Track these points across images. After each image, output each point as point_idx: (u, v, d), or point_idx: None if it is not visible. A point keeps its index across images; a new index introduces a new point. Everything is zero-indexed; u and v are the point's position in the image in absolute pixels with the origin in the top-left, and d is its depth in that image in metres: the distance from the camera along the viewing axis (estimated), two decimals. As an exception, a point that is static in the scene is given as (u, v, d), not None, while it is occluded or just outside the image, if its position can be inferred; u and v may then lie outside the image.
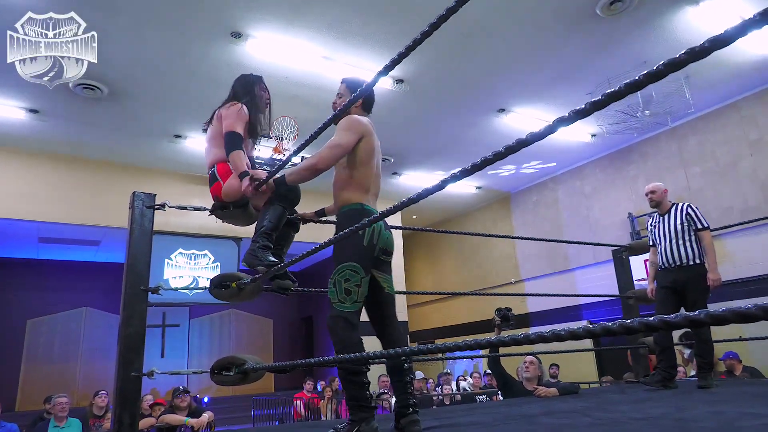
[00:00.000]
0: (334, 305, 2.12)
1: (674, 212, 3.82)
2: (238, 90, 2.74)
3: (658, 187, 3.92)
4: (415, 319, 12.16)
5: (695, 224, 3.72)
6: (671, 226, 3.77)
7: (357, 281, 2.12)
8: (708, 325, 0.68)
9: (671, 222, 3.79)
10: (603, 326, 0.80)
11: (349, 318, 2.10)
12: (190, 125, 6.98)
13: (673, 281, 3.69)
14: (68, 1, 4.55)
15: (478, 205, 11.42)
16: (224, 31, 5.14)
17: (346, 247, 2.15)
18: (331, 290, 2.14)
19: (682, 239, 3.70)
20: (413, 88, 6.34)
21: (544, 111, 7.18)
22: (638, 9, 5.19)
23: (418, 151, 8.38)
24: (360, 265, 2.14)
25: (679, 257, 3.68)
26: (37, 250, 9.91)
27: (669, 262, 3.73)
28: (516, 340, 0.96)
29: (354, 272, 2.12)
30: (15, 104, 6.19)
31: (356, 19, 5.11)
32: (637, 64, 6.10)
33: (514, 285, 10.17)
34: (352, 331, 2.10)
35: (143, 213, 2.36)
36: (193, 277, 8.53)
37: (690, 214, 3.75)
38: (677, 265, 3.69)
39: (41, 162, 7.49)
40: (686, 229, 3.71)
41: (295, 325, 13.89)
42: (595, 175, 9.12)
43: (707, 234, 3.71)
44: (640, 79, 0.83)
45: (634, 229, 8.23)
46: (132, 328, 2.21)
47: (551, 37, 5.60)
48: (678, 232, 3.72)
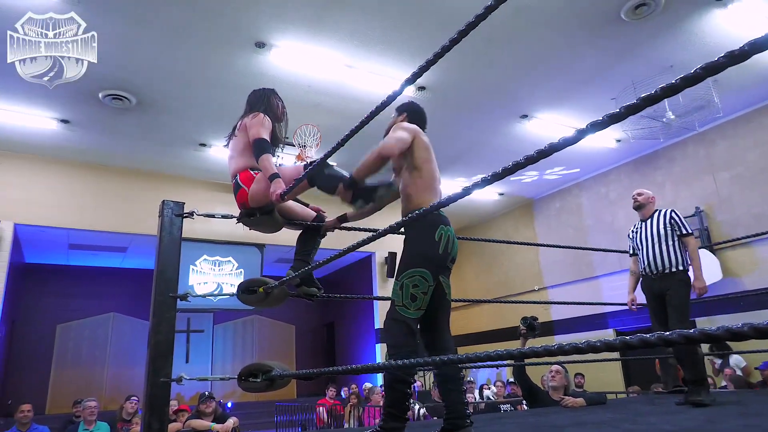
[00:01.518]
0: (397, 308, 2.10)
1: (657, 217, 3.71)
2: (253, 102, 2.78)
3: (646, 192, 3.85)
4: (437, 326, 12.08)
5: (679, 229, 3.61)
6: (653, 231, 3.66)
7: (425, 288, 2.11)
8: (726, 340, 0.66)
9: (653, 227, 3.68)
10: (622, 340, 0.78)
11: (410, 323, 2.08)
12: (215, 134, 7.09)
13: (658, 290, 3.54)
14: (97, 13, 4.68)
15: (500, 212, 11.33)
16: (248, 41, 5.22)
17: (419, 252, 2.15)
18: (396, 292, 2.13)
19: (666, 244, 3.57)
20: (435, 95, 6.34)
21: (567, 116, 7.11)
22: (664, 12, 5.11)
23: (440, 158, 8.21)
24: (431, 273, 2.14)
25: (662, 263, 3.55)
26: (67, 257, 10.14)
27: (651, 268, 3.60)
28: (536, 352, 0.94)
29: (424, 279, 2.12)
30: (47, 115, 6.38)
31: (378, 26, 5.14)
32: (663, 69, 5.99)
33: (538, 292, 10.05)
34: (410, 337, 2.07)
35: (172, 221, 2.40)
36: (218, 283, 8.64)
37: (674, 219, 3.64)
38: (659, 271, 3.55)
39: (71, 171, 7.69)
40: (669, 234, 3.60)
41: (317, 332, 13.93)
42: (620, 181, 8.98)
43: (692, 240, 3.60)
44: (677, 83, 0.81)
45: (661, 236, 8.07)
46: (161, 335, 2.25)
47: (575, 41, 5.54)
48: (660, 237, 3.61)
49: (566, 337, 9.20)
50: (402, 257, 2.20)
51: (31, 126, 6.54)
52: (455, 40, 1.18)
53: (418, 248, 2.14)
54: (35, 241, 8.59)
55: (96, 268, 11.06)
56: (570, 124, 7.25)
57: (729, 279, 7.18)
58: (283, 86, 5.85)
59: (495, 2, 1.06)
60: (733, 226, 7.22)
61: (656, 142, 7.82)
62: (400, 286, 2.12)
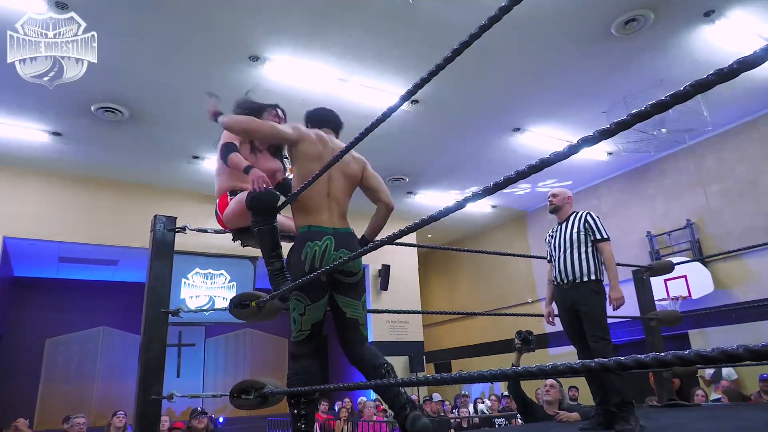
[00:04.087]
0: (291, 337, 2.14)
1: (572, 220, 3.36)
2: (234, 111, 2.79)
3: (562, 192, 3.50)
4: (431, 339, 12.05)
5: (593, 234, 3.27)
6: (567, 236, 3.32)
7: (301, 310, 2.10)
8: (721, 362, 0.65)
9: (568, 231, 3.33)
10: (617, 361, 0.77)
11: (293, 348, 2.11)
12: (207, 146, 7.08)
13: (570, 301, 3.23)
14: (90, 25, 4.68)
15: (493, 224, 11.36)
16: (242, 54, 5.24)
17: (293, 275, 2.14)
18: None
19: (577, 251, 3.24)
20: (428, 108, 6.37)
21: (559, 130, 7.17)
22: (653, 28, 5.18)
23: (433, 171, 8.40)
24: (303, 293, 2.09)
25: (572, 272, 3.22)
26: (57, 270, 10.04)
27: (562, 277, 3.28)
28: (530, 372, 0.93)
29: (298, 301, 2.10)
30: (39, 127, 6.34)
31: (371, 40, 5.18)
32: (653, 83, 6.07)
33: (531, 304, 10.05)
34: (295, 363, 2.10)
35: (164, 235, 2.38)
36: (210, 297, 8.56)
37: (588, 222, 3.29)
38: (570, 281, 3.23)
39: (63, 183, 7.64)
40: (583, 239, 3.26)
41: (310, 345, 13.82)
42: (611, 193, 9.04)
43: (607, 246, 3.26)
44: (667, 99, 0.82)
45: (654, 249, 8.12)
46: (152, 352, 2.22)
47: (566, 56, 5.61)
48: (573, 242, 3.27)
49: (561, 349, 9.18)
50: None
51: (22, 138, 6.50)
52: (449, 59, 1.19)
53: (291, 272, 2.14)
54: (25, 254, 8.50)
55: (86, 282, 10.95)
56: (562, 137, 7.31)
57: (721, 291, 7.22)
58: (278, 99, 5.77)
59: (488, 21, 1.07)
60: (724, 239, 7.28)
61: (647, 155, 7.89)
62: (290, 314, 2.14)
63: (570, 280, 3.24)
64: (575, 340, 3.31)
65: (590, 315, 3.11)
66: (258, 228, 2.24)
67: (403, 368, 9.32)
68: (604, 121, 6.57)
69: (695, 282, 7.27)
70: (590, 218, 3.33)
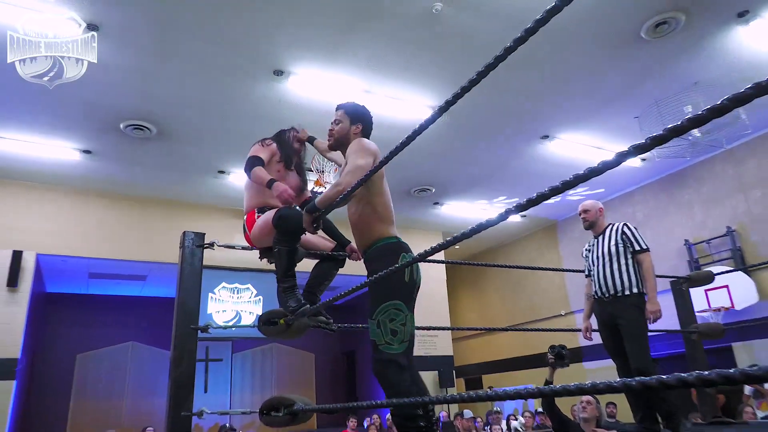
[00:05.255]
0: (380, 347, 2.06)
1: (609, 232, 3.36)
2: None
3: (593, 206, 3.48)
4: (460, 354, 11.93)
5: (632, 246, 3.25)
6: (604, 249, 3.31)
7: (402, 320, 2.08)
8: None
9: (605, 244, 3.32)
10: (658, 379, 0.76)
11: (398, 360, 2.03)
12: (233, 161, 7.21)
13: (609, 316, 3.20)
14: (117, 45, 4.85)
15: (522, 234, 11.24)
16: (266, 69, 5.34)
17: (387, 284, 2.10)
18: (375, 331, 2.08)
19: (617, 263, 3.23)
20: (455, 117, 6.38)
21: (590, 136, 7.08)
22: (685, 30, 5.10)
23: (459, 181, 8.37)
24: (403, 302, 2.11)
25: (613, 285, 3.20)
26: (87, 286, 10.31)
27: (602, 291, 3.26)
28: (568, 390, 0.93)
29: (398, 310, 2.08)
30: (70, 145, 6.56)
31: (395, 51, 5.22)
32: (686, 86, 5.96)
33: (565, 317, 9.88)
34: (402, 375, 2.03)
35: (193, 252, 2.44)
36: (236, 311, 8.68)
37: (626, 234, 3.29)
38: (611, 294, 3.21)
39: (93, 200, 7.87)
40: (621, 251, 3.25)
41: (338, 360, 13.84)
42: (646, 201, 8.87)
43: (646, 257, 3.24)
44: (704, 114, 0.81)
45: (692, 258, 7.91)
46: (182, 368, 2.26)
47: (595, 61, 5.56)
48: (612, 255, 3.26)
49: (596, 364, 8.99)
50: (370, 295, 2.14)
51: (54, 157, 6.74)
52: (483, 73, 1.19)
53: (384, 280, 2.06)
54: (56, 270, 8.76)
55: (115, 297, 11.21)
56: (593, 144, 7.22)
57: (766, 302, 6.98)
58: (302, 112, 5.96)
59: (525, 34, 1.07)
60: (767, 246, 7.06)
61: (683, 160, 7.72)
62: (376, 324, 2.08)
63: (611, 293, 3.22)
64: (615, 355, 3.28)
65: (631, 329, 3.08)
66: (279, 247, 2.28)
67: (433, 383, 9.24)
68: (636, 127, 6.47)
69: (738, 292, 7.05)
70: (627, 229, 3.33)
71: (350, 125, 2.49)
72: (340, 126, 2.50)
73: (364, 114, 2.55)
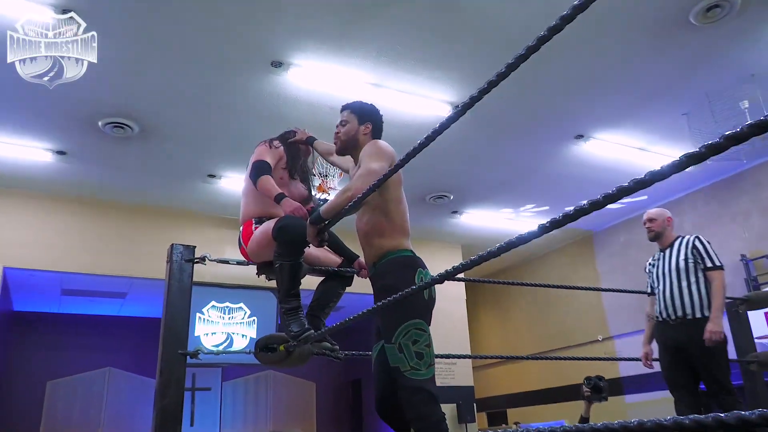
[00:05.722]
0: (406, 374, 2.04)
1: (678, 246, 3.38)
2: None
3: (660, 214, 3.54)
4: (482, 384, 11.87)
5: (703, 262, 3.26)
6: (672, 265, 3.32)
7: (426, 341, 2.09)
8: None
9: (673, 259, 3.34)
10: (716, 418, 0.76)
11: (428, 388, 2.04)
12: (225, 164, 7.27)
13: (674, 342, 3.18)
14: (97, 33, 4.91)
15: (553, 246, 11.20)
16: (264, 60, 5.39)
17: (407, 302, 2.07)
18: (397, 357, 2.07)
19: (686, 281, 3.23)
20: (476, 115, 6.34)
21: (631, 136, 7.06)
22: (740, 15, 5.09)
23: (481, 186, 8.38)
24: (425, 321, 2.13)
25: (681, 307, 3.20)
26: (59, 304, 10.39)
27: (668, 312, 3.25)
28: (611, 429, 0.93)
29: (421, 330, 2.09)
30: (42, 146, 6.65)
31: (409, 41, 5.25)
32: (742, 78, 5.94)
33: (602, 343, 9.81)
34: (434, 405, 2.03)
35: (182, 267, 2.46)
36: (227, 334, 8.70)
37: (697, 248, 3.30)
38: (678, 316, 3.19)
39: (66, 207, 7.95)
40: (691, 268, 3.26)
41: (341, 390, 13.82)
42: (695, 209, 8.81)
43: (719, 275, 3.24)
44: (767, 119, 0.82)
45: (750, 275, 7.84)
46: (168, 398, 2.28)
47: (637, 51, 5.56)
48: (681, 271, 3.27)
49: (639, 397, 8.91)
50: (386, 315, 2.13)
51: (23, 158, 6.83)
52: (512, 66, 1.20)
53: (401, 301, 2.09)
54: (25, 286, 8.84)
55: (91, 317, 11.28)
56: (634, 145, 7.21)
57: (837, 326, 6.90)
58: (303, 108, 6.01)
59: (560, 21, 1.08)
60: (838, 262, 6.98)
61: (738, 163, 7.68)
62: (398, 348, 2.06)
63: (679, 315, 3.22)
64: (677, 386, 3.27)
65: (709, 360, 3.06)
66: (280, 262, 2.29)
67: (451, 418, 9.20)
68: (684, 125, 6.45)
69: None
70: (699, 243, 3.35)
71: (358, 125, 2.53)
72: (348, 127, 2.54)
73: (373, 112, 2.60)
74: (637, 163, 7.50)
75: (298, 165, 2.84)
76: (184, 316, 2.42)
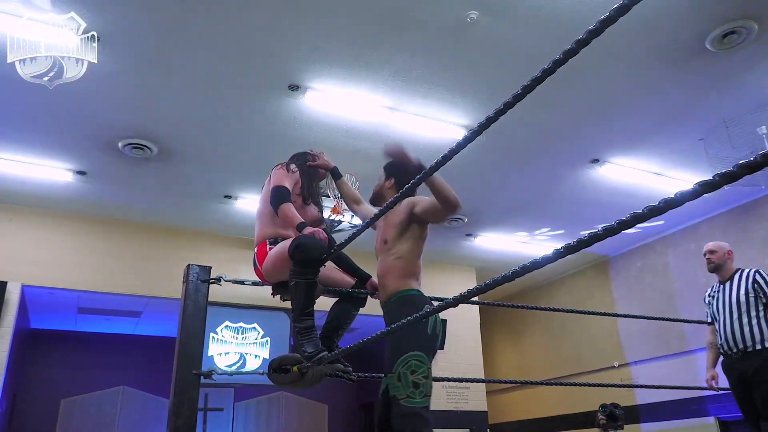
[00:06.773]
0: (401, 401, 2.15)
1: (738, 280, 3.44)
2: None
3: (721, 247, 3.61)
4: (495, 409, 11.71)
5: (765, 296, 3.31)
6: (733, 298, 3.38)
7: (425, 372, 2.19)
8: None
9: (733, 292, 3.41)
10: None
11: (421, 413, 2.13)
12: (241, 185, 7.34)
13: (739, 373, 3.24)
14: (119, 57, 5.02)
15: (568, 270, 11.10)
16: (281, 84, 5.47)
17: (409, 335, 2.24)
18: (395, 385, 2.18)
19: (747, 315, 3.27)
20: (491, 138, 6.40)
21: (647, 161, 7.03)
22: (758, 41, 5.08)
23: (496, 209, 8.36)
24: (425, 354, 2.23)
25: (742, 339, 3.24)
26: (75, 322, 10.46)
27: (729, 345, 3.30)
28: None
29: (420, 362, 2.20)
30: (63, 166, 6.76)
31: (424, 65, 5.30)
32: (759, 104, 5.91)
33: (618, 370, 9.65)
34: (426, 428, 2.13)
35: (198, 287, 2.48)
36: (240, 354, 8.68)
37: (758, 282, 3.35)
38: (740, 349, 3.24)
39: (85, 226, 8.04)
40: (752, 301, 3.30)
41: (354, 413, 13.71)
42: (713, 235, 8.68)
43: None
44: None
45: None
46: (182, 419, 2.28)
47: (653, 76, 5.56)
48: (741, 305, 3.33)
49: (656, 425, 8.73)
50: (390, 348, 2.29)
51: (44, 178, 6.94)
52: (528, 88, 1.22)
53: (403, 331, 2.17)
54: (43, 304, 8.92)
55: (106, 335, 11.33)
56: (650, 169, 7.17)
57: None
58: (319, 131, 6.07)
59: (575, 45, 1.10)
60: None
61: (756, 189, 7.60)
62: (397, 377, 2.19)
63: (740, 348, 3.27)
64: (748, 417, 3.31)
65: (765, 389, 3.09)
66: (295, 280, 2.30)
67: (464, 443, 9.08)
68: (700, 150, 6.41)
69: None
70: (760, 277, 3.39)
71: (384, 180, 2.92)
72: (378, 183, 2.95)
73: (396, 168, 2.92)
74: (653, 187, 7.46)
75: (313, 189, 2.87)
76: (198, 336, 2.43)
